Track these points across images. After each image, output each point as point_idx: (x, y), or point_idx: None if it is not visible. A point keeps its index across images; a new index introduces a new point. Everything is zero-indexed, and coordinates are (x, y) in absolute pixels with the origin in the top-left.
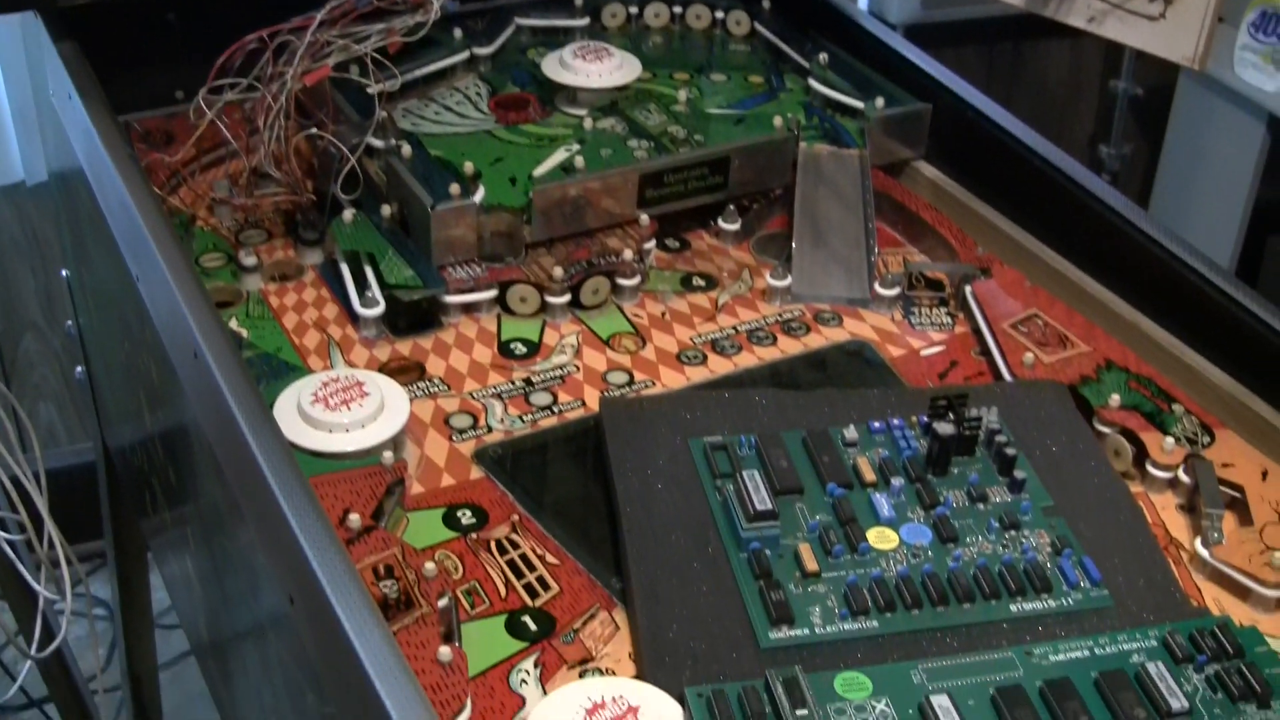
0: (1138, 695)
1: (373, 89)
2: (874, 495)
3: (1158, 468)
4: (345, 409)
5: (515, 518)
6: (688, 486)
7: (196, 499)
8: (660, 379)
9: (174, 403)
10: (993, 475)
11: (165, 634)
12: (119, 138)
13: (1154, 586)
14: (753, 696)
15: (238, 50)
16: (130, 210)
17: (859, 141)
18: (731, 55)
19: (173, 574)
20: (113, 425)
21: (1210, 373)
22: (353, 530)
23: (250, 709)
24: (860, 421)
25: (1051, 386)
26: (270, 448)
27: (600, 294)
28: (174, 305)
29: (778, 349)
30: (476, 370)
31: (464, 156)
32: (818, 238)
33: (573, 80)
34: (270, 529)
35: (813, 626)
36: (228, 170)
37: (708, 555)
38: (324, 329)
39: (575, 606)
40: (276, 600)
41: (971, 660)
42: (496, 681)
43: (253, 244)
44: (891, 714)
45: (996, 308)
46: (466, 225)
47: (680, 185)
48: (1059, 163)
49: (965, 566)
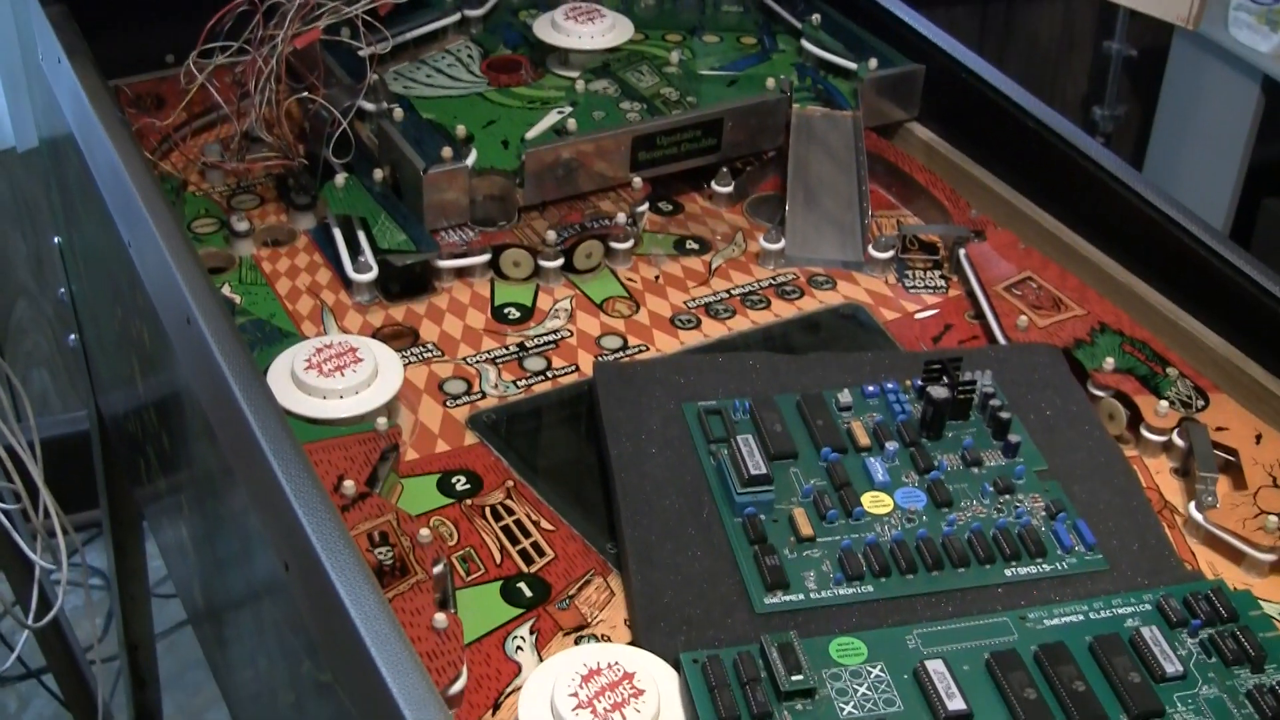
0: (1132, 659)
1: (364, 52)
2: (868, 459)
3: (1152, 431)
4: (339, 375)
5: (510, 483)
6: (682, 451)
7: (190, 466)
8: (654, 343)
9: (167, 369)
10: (987, 439)
11: (161, 603)
12: (109, 102)
13: (1148, 550)
14: (747, 661)
15: (228, 13)
16: (121, 175)
17: (852, 103)
18: (723, 16)
19: (168, 542)
20: (106, 392)
21: (1204, 336)
22: (347, 497)
23: (246, 676)
24: (854, 385)
25: (1045, 350)
26: (264, 414)
27: (593, 258)
28: (166, 271)
29: (771, 312)
30: (470, 335)
31: (456, 119)
32: (811, 200)
33: (564, 42)
34: (265, 496)
35: (807, 591)
36: (219, 134)
37: (702, 520)
38: (317, 294)
39: (570, 572)
40: (271, 567)
41: (966, 625)
42: (492, 648)
43: (244, 209)
44: (886, 678)
45: (990, 270)
46: (459, 188)
47: (673, 147)
48: (1053, 124)
49: (959, 530)
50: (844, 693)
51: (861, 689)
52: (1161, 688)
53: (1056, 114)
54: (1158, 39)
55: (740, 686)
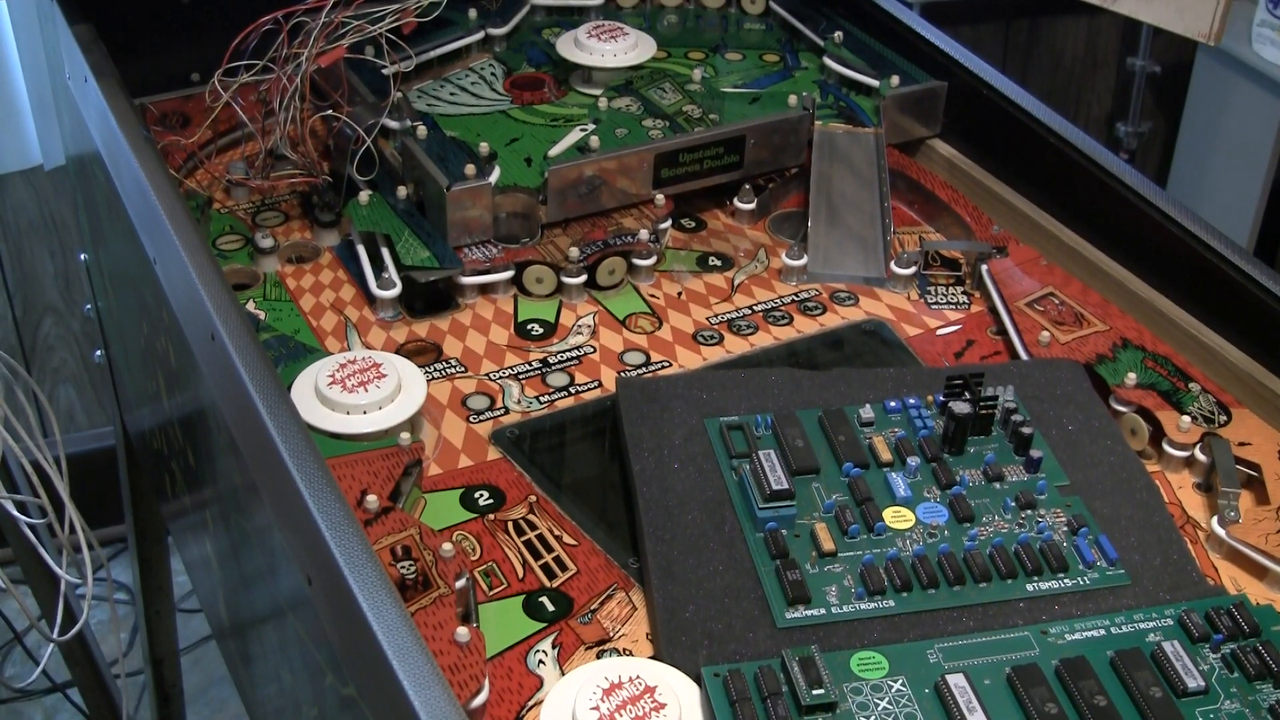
0: (1154, 674)
1: (388, 70)
2: (890, 474)
3: (1174, 446)
4: (363, 390)
5: (532, 498)
6: (704, 466)
7: (215, 482)
8: (676, 359)
9: (192, 385)
10: (1009, 454)
11: (186, 618)
12: (135, 120)
13: (1170, 565)
14: (769, 676)
15: (253, 31)
16: (147, 193)
17: (874, 119)
18: (746, 33)
19: (193, 557)
20: (132, 408)
21: (1227, 351)
22: (370, 511)
23: (270, 692)
24: (876, 401)
25: (1068, 365)
26: (288, 430)
27: (616, 274)
28: (191, 288)
29: (794, 328)
30: (493, 351)
31: (479, 137)
32: (833, 216)
33: (588, 60)
34: (288, 511)
35: (829, 606)
36: (244, 152)
37: (724, 535)
38: (341, 310)
39: (592, 587)
40: (295, 582)
41: (987, 639)
42: (514, 662)
43: (269, 226)
44: (907, 693)
45: (1013, 286)
46: (482, 206)
47: (696, 164)
48: (1076, 140)
49: (981, 546)
50: (865, 707)
51: (883, 703)
52: (1184, 703)
53: (1078, 130)
54: (1181, 55)
55: (762, 701)
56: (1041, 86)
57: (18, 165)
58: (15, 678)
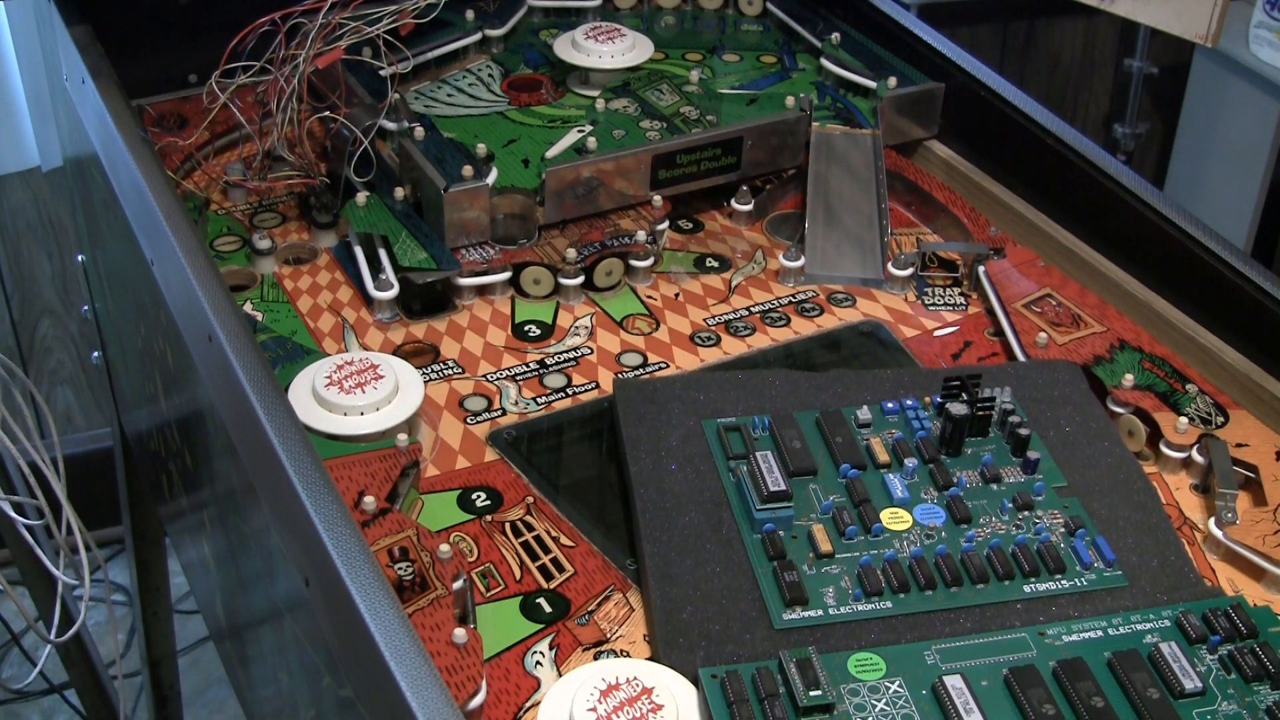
0: (1151, 675)
1: (385, 71)
2: (887, 476)
3: (1171, 448)
4: (360, 392)
5: (530, 500)
6: (701, 468)
7: (212, 483)
8: (674, 360)
9: (189, 387)
10: (1006, 455)
11: (184, 619)
12: (132, 121)
13: (1167, 566)
14: (766, 677)
15: (250, 33)
16: (144, 194)
17: (871, 121)
18: (744, 35)
19: (190, 559)
20: (129, 410)
21: (1224, 353)
22: (368, 513)
23: (267, 693)
24: (874, 402)
25: (1065, 366)
26: (285, 431)
27: (613, 275)
28: (188, 289)
29: (791, 329)
30: (490, 352)
31: (476, 138)
32: (831, 218)
33: (585, 61)
34: (286, 512)
35: (826, 607)
36: (241, 153)
37: (721, 536)
38: (338, 312)
39: (590, 588)
40: (292, 583)
41: (984, 640)
42: (511, 663)
43: (267, 227)
44: (905, 694)
45: (1010, 287)
46: (479, 207)
47: (693, 166)
48: (1073, 142)
49: (979, 547)
50: (862, 708)
51: (880, 704)
52: (1181, 704)
53: (1075, 131)
54: (1179, 57)
55: (759, 702)
56: (1039, 88)
57: (15, 167)
58: (13, 679)
